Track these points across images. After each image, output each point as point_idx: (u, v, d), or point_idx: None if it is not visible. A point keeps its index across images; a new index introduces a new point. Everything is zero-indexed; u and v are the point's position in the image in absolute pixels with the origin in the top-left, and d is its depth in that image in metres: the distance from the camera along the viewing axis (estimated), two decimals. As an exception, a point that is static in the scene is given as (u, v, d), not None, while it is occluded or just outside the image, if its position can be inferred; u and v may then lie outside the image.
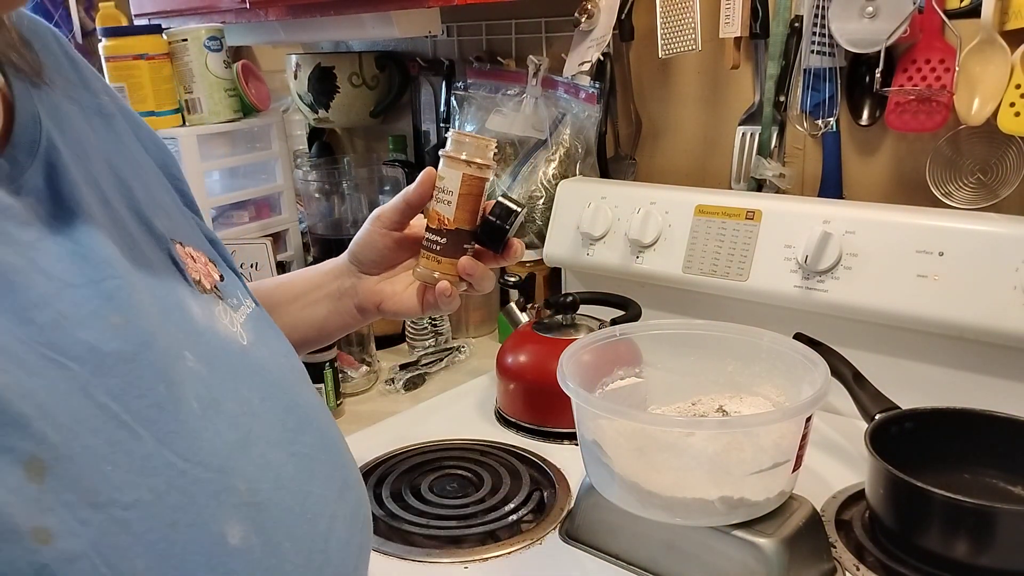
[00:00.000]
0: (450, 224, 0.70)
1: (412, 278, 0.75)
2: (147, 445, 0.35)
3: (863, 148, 1.13)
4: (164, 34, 1.44)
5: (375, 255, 0.75)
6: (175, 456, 0.36)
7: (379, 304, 0.76)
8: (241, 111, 1.51)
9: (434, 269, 0.71)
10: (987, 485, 0.80)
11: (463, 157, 0.69)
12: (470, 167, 0.69)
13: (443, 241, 0.70)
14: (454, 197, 0.69)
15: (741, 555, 0.71)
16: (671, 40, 1.16)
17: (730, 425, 0.75)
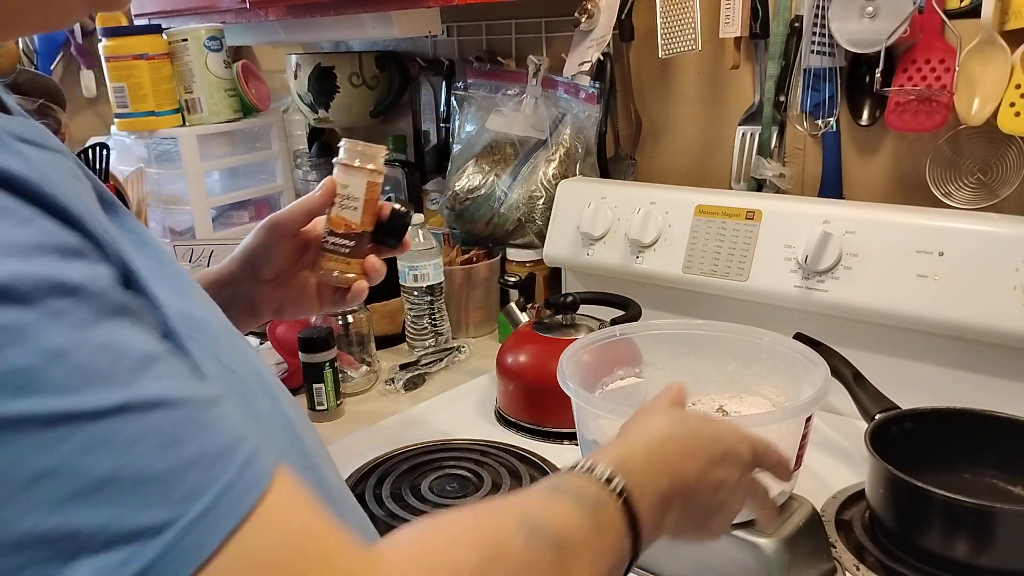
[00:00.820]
0: (357, 228, 0.75)
1: (304, 279, 0.78)
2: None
3: (863, 148, 1.13)
4: (164, 34, 1.45)
5: (276, 261, 0.76)
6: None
7: (279, 308, 0.79)
8: (241, 111, 1.52)
9: (344, 270, 0.75)
10: (987, 485, 0.80)
11: (368, 166, 0.75)
12: (372, 175, 0.75)
13: (351, 244, 0.75)
14: (360, 203, 0.75)
15: (741, 555, 0.71)
16: (671, 40, 1.16)
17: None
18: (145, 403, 0.31)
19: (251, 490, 0.32)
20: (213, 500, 0.31)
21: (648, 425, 0.56)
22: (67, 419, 0.29)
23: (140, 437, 0.30)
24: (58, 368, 0.29)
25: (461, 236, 1.47)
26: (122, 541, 0.29)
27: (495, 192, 1.36)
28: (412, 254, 1.28)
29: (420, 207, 1.56)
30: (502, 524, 0.41)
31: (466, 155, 1.42)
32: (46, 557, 0.28)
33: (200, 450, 0.31)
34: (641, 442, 0.53)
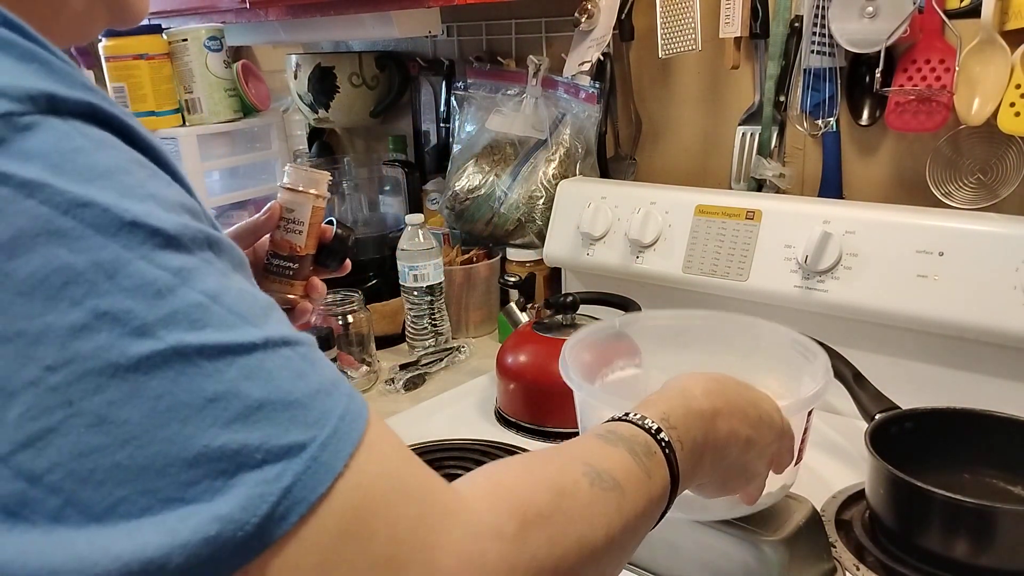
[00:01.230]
0: (302, 251, 0.77)
1: None
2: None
3: (863, 148, 1.13)
4: (164, 34, 1.45)
5: None
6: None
7: None
8: (241, 111, 1.51)
9: (287, 291, 0.78)
10: (987, 485, 0.80)
11: (312, 191, 0.78)
12: (317, 200, 0.78)
13: (295, 266, 0.78)
14: (305, 227, 0.77)
15: (741, 555, 0.71)
16: (671, 40, 1.16)
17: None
18: (278, 340, 0.35)
19: (360, 418, 0.36)
20: (337, 423, 0.35)
21: (688, 383, 0.59)
22: (229, 351, 0.33)
23: (280, 368, 0.34)
24: (217, 307, 0.33)
25: (461, 236, 1.47)
26: (274, 458, 0.32)
27: (495, 192, 1.36)
28: (412, 254, 1.28)
29: (420, 207, 1.56)
30: (569, 469, 0.45)
31: (466, 155, 1.42)
32: (217, 471, 0.31)
33: (320, 382, 0.35)
34: (682, 398, 0.57)
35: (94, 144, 0.33)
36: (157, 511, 0.30)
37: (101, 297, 0.31)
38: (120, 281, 0.31)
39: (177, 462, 0.31)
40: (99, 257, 0.31)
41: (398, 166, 1.57)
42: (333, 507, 0.33)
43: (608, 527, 0.44)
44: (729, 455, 0.59)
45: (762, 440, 0.61)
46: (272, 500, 0.32)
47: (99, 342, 0.30)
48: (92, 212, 0.31)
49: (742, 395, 0.61)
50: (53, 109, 0.32)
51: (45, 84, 0.32)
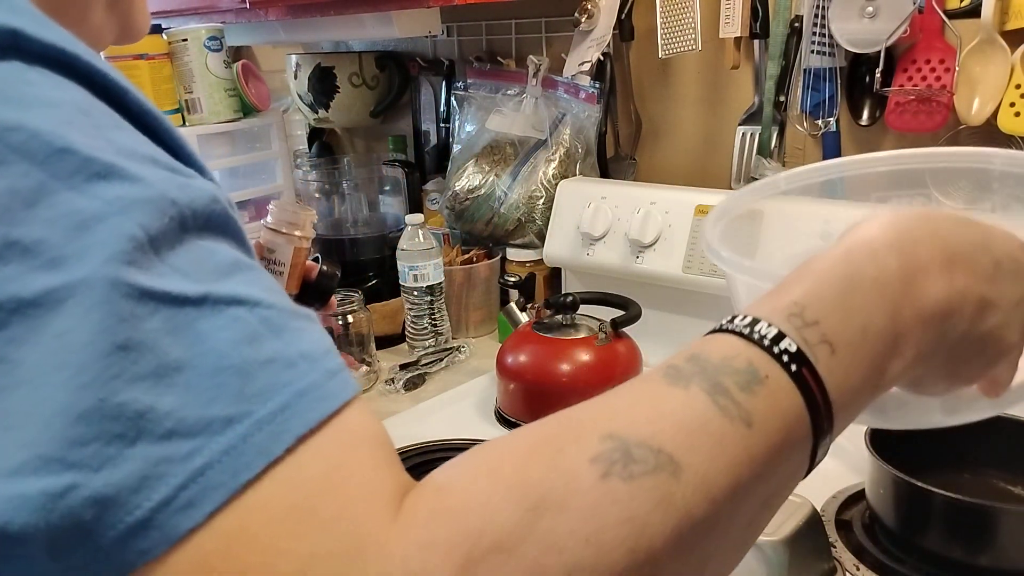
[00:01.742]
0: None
1: None
2: None
3: (863, 148, 1.13)
4: (164, 34, 1.45)
5: None
6: None
7: None
8: (241, 111, 1.51)
9: None
10: (987, 485, 0.80)
11: (296, 233, 0.76)
12: (300, 240, 0.76)
13: None
14: (287, 268, 0.76)
15: (741, 555, 0.71)
16: (671, 40, 1.16)
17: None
18: (226, 298, 0.29)
19: (328, 399, 0.30)
20: (289, 400, 0.29)
21: (865, 235, 0.40)
22: (154, 297, 0.28)
23: (219, 329, 0.29)
24: (154, 250, 0.29)
25: (461, 236, 1.47)
26: (186, 432, 0.27)
27: (495, 192, 1.36)
28: (412, 254, 1.28)
29: (420, 207, 1.56)
30: (568, 454, 0.30)
31: (466, 155, 1.42)
32: (111, 434, 0.26)
33: (279, 351, 0.29)
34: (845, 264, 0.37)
35: (52, 83, 0.30)
36: (33, 471, 0.25)
37: (14, 226, 0.27)
38: (39, 211, 0.28)
39: (65, 413, 0.26)
40: (19, 183, 0.28)
41: (398, 166, 1.57)
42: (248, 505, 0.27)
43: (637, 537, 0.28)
44: (955, 330, 0.39)
45: (1006, 297, 0.40)
46: (175, 483, 0.26)
47: (5, 273, 0.27)
48: (19, 136, 0.28)
49: (965, 236, 0.40)
50: (15, 46, 0.30)
51: (12, 21, 0.30)
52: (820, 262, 0.38)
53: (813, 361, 0.34)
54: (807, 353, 0.34)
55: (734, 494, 0.31)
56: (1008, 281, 0.40)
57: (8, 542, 0.25)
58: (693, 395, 0.32)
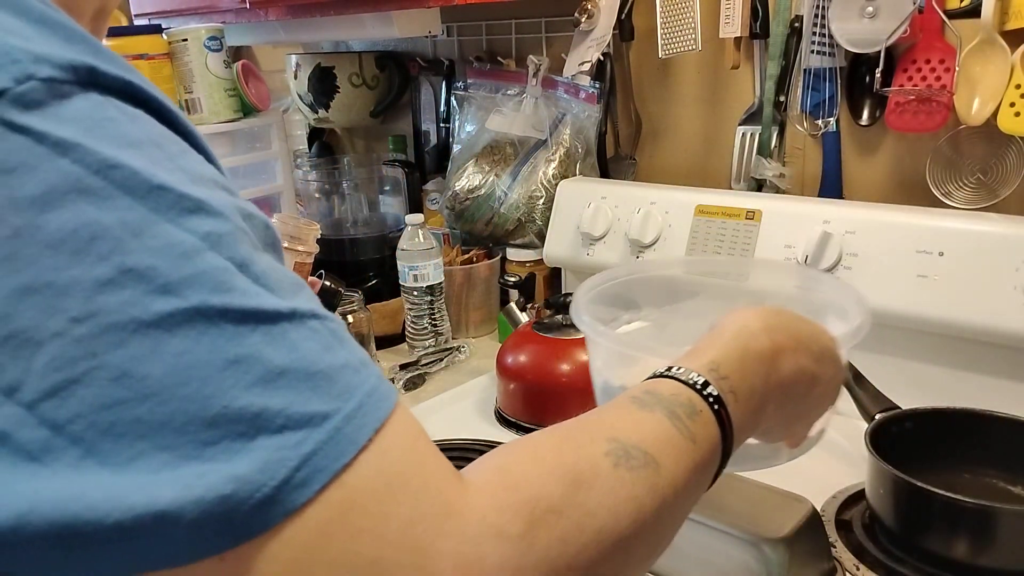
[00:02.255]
0: None
1: None
2: None
3: (863, 148, 1.13)
4: (164, 34, 1.45)
5: None
6: None
7: None
8: (241, 111, 1.51)
9: None
10: (987, 485, 0.80)
11: (298, 248, 0.75)
12: (302, 255, 0.75)
13: None
14: None
15: (741, 555, 0.71)
16: (671, 40, 1.16)
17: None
18: (305, 313, 0.35)
19: (387, 399, 0.36)
20: (362, 399, 0.35)
21: (744, 321, 0.54)
22: (252, 317, 0.33)
23: (305, 339, 0.34)
24: (243, 276, 0.34)
25: (461, 236, 1.47)
26: (295, 425, 0.32)
27: (495, 192, 1.36)
28: (412, 254, 1.28)
29: (420, 207, 1.56)
30: (589, 449, 0.40)
31: (466, 155, 1.42)
32: (236, 433, 0.31)
33: (347, 358, 0.36)
34: (737, 339, 0.52)
35: (128, 118, 0.34)
36: (175, 467, 0.30)
37: (127, 254, 0.31)
38: (146, 240, 0.32)
39: (196, 420, 0.31)
40: (126, 216, 0.32)
41: (398, 166, 1.57)
42: (350, 481, 0.33)
43: (637, 512, 0.40)
44: (795, 395, 0.54)
45: (825, 375, 0.56)
46: (292, 465, 0.32)
47: (123, 297, 0.31)
48: (121, 173, 0.32)
49: (802, 329, 0.56)
50: (93, 82, 0.33)
51: (88, 59, 0.33)
52: (721, 336, 0.53)
53: (727, 404, 0.47)
54: (723, 398, 0.47)
55: (686, 489, 0.43)
56: (827, 363, 0.57)
57: (155, 521, 0.30)
58: (658, 418, 0.44)
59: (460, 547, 0.34)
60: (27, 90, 0.31)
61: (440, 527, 0.34)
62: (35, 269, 0.30)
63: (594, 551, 0.37)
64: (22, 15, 0.34)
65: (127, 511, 0.30)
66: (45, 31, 0.34)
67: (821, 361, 0.56)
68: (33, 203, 0.31)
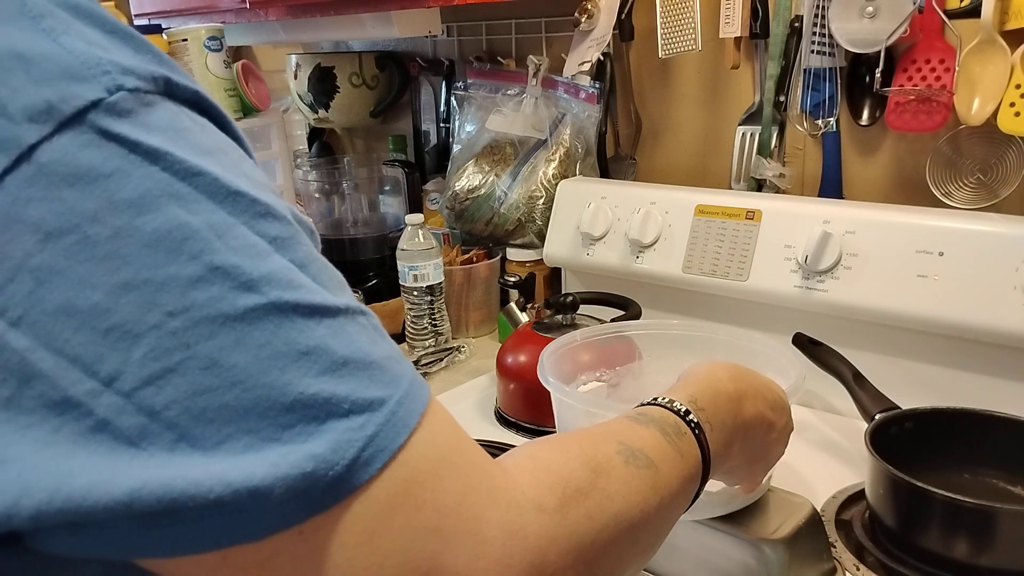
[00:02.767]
0: None
1: None
2: None
3: (863, 148, 1.13)
4: (164, 34, 1.45)
5: None
6: None
7: None
8: (241, 111, 1.51)
9: None
10: (987, 485, 0.80)
11: None
12: None
13: None
14: None
15: (741, 555, 0.71)
16: (671, 40, 1.16)
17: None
18: (355, 309, 0.38)
19: (425, 388, 0.39)
20: (408, 387, 0.38)
21: (711, 368, 0.62)
22: (318, 311, 0.36)
23: (358, 333, 0.38)
24: (304, 275, 0.37)
25: (461, 236, 1.47)
26: (359, 409, 0.35)
27: (495, 192, 1.36)
28: (412, 254, 1.28)
29: (420, 207, 1.56)
30: (604, 447, 0.47)
31: (466, 155, 1.42)
32: (310, 417, 0.34)
33: (390, 350, 0.39)
34: (709, 382, 0.59)
35: (199, 127, 0.37)
36: (259, 448, 0.33)
37: (215, 253, 0.34)
38: (229, 241, 0.34)
39: (276, 406, 0.34)
40: (211, 219, 0.34)
41: (398, 166, 1.57)
42: (408, 459, 0.36)
43: (644, 504, 0.46)
44: (755, 437, 0.62)
45: (779, 422, 0.64)
46: (359, 445, 0.35)
47: (212, 293, 0.33)
48: (204, 180, 0.35)
49: (759, 380, 0.64)
50: (169, 92, 0.36)
51: (163, 70, 0.36)
52: (695, 377, 0.60)
53: (705, 431, 0.54)
54: (703, 425, 0.54)
55: (677, 496, 0.50)
56: (780, 412, 0.65)
57: (249, 497, 0.32)
58: (653, 432, 0.51)
59: (507, 516, 0.38)
60: (118, 100, 0.34)
61: (489, 499, 0.38)
62: (134, 267, 0.33)
63: (612, 532, 0.43)
64: (98, 26, 0.36)
65: (227, 487, 0.32)
66: (117, 42, 0.36)
67: (775, 409, 0.64)
68: (131, 206, 0.33)
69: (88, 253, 0.32)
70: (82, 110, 0.33)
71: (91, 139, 0.33)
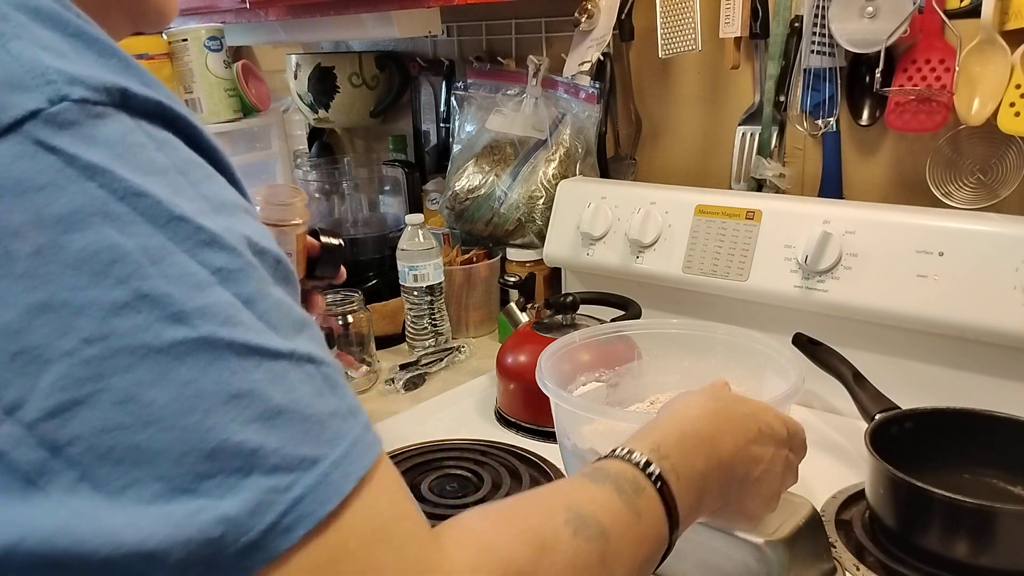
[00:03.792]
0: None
1: None
2: None
3: (863, 148, 1.13)
4: (164, 34, 1.45)
5: None
6: None
7: None
8: (241, 111, 1.51)
9: None
10: (987, 485, 0.80)
11: (293, 222, 0.76)
12: (298, 227, 0.77)
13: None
14: (294, 256, 0.77)
15: (741, 555, 0.71)
16: (671, 40, 1.16)
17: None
18: (304, 355, 0.35)
19: (371, 450, 0.36)
20: (348, 447, 0.35)
21: (684, 406, 0.59)
22: (257, 352, 0.33)
23: (301, 381, 0.35)
24: (249, 312, 0.34)
25: (461, 236, 1.47)
26: (287, 467, 0.32)
27: (495, 192, 1.36)
28: (412, 254, 1.28)
29: (420, 207, 1.56)
30: (550, 518, 0.43)
31: (466, 155, 1.42)
32: (231, 468, 0.31)
33: (337, 405, 0.36)
34: (677, 423, 0.56)
35: (156, 143, 0.35)
36: (168, 499, 0.30)
37: (145, 280, 0.32)
38: (163, 268, 0.32)
39: (195, 451, 0.31)
40: (147, 243, 0.32)
41: (398, 166, 1.57)
42: (339, 528, 0.33)
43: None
44: (738, 475, 0.58)
45: (766, 455, 0.61)
46: (280, 509, 0.32)
47: (137, 322, 0.31)
48: (145, 201, 0.32)
49: (740, 410, 0.61)
50: (124, 104, 0.34)
51: (121, 79, 0.34)
52: (663, 421, 0.57)
53: (669, 482, 0.50)
54: (666, 476, 0.50)
55: (631, 561, 0.46)
56: (767, 442, 0.61)
57: (142, 560, 0.30)
58: (608, 492, 0.48)
59: None
60: (60, 111, 0.32)
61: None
62: (53, 287, 0.30)
63: None
64: (58, 28, 0.34)
65: (116, 548, 0.29)
66: (79, 45, 0.34)
67: (761, 442, 0.60)
68: (58, 222, 0.31)
69: (6, 269, 0.30)
70: (19, 120, 0.31)
71: (26, 150, 0.31)
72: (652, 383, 0.88)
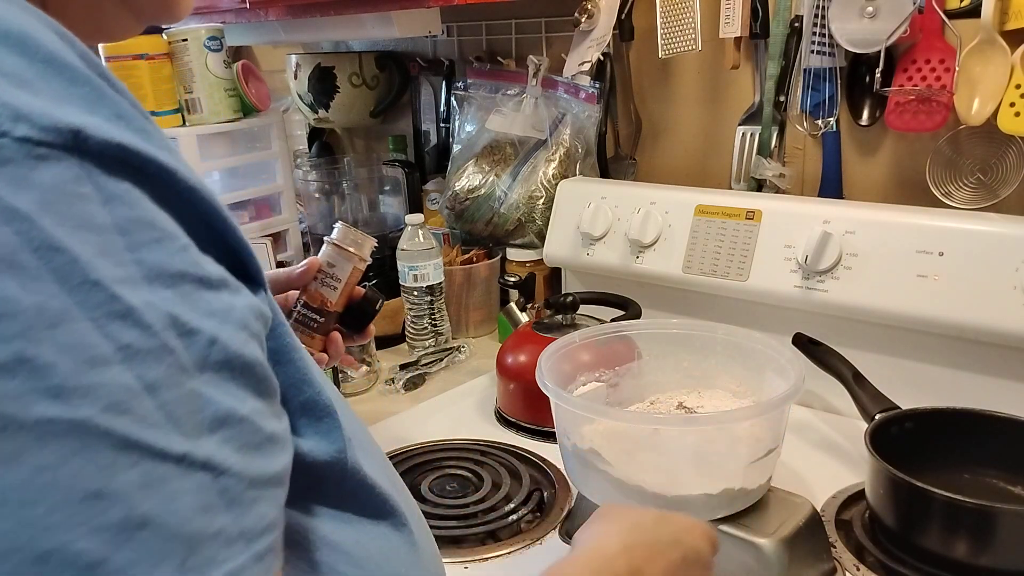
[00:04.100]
0: (332, 307, 0.80)
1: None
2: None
3: (863, 148, 1.13)
4: (164, 34, 1.44)
5: None
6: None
7: None
8: (241, 111, 1.51)
9: (308, 344, 0.79)
10: (987, 485, 0.80)
11: (360, 253, 0.80)
12: (360, 262, 0.80)
13: (321, 320, 0.79)
14: (342, 285, 0.79)
15: (741, 555, 0.71)
16: (671, 40, 1.16)
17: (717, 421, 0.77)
18: (199, 461, 0.30)
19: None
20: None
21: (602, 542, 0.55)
22: (139, 449, 0.29)
23: (189, 492, 0.30)
24: (149, 400, 0.29)
25: (461, 236, 1.47)
26: None
27: (495, 192, 1.36)
28: (412, 254, 1.28)
29: (420, 207, 1.56)
30: None
31: (466, 155, 1.42)
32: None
33: (223, 526, 0.31)
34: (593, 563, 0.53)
35: (103, 196, 0.31)
36: None
37: (31, 343, 0.28)
38: (58, 334, 0.28)
39: (23, 550, 0.26)
40: (48, 304, 0.28)
41: (398, 166, 1.57)
42: None
43: None
44: None
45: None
46: None
47: (7, 388, 0.27)
48: (60, 259, 0.29)
49: (662, 537, 0.57)
50: (76, 147, 0.30)
51: (82, 116, 0.31)
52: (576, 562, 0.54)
53: None
54: None
55: None
56: (692, 567, 0.57)
57: None
58: None
59: None
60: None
61: None
62: None
63: None
64: (26, 54, 0.31)
65: None
66: (48, 73, 0.31)
67: (684, 567, 0.57)
68: None
69: None
70: None
71: None
72: (652, 383, 0.89)
